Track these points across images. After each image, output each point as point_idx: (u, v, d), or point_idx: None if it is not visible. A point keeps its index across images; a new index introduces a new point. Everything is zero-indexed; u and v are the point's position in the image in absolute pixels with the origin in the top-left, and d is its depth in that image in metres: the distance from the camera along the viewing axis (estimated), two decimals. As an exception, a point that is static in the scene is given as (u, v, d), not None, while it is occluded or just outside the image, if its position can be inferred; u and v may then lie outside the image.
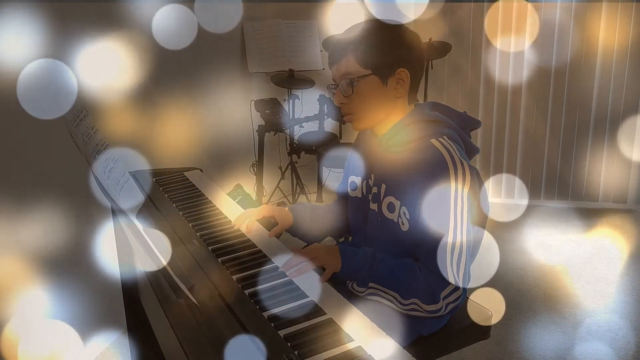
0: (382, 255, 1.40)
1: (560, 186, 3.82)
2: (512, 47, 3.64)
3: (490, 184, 3.89)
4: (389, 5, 3.45)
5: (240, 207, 1.74)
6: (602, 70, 3.53)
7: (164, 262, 1.07)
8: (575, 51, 3.54)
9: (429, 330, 1.50)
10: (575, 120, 3.67)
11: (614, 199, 3.73)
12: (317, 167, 3.82)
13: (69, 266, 2.11)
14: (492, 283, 2.83)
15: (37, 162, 2.00)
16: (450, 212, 1.32)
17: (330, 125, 3.68)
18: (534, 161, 3.83)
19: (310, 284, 1.27)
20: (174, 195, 1.84)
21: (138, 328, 2.03)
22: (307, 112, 3.66)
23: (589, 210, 3.72)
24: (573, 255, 3.10)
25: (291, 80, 3.48)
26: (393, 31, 1.39)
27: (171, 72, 2.90)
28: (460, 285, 1.34)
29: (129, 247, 1.86)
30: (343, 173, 1.68)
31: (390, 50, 1.37)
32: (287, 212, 1.62)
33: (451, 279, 1.33)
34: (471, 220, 1.37)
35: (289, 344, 1.05)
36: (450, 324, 1.54)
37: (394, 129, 1.43)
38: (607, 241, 3.26)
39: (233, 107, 3.52)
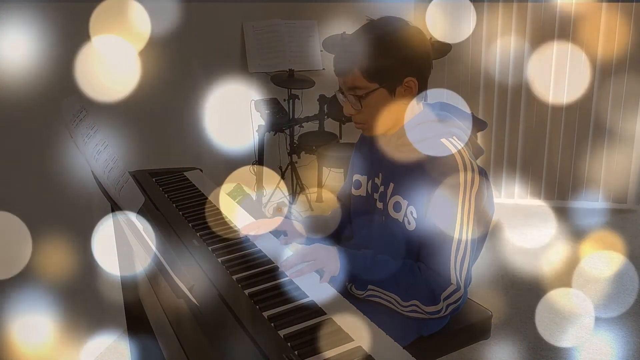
0: (382, 257, 1.39)
1: (560, 186, 3.81)
2: (512, 47, 3.64)
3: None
4: (389, 6, 3.45)
5: (240, 207, 1.74)
6: (602, 69, 3.53)
7: (164, 262, 1.07)
8: (575, 51, 3.54)
9: (429, 330, 1.50)
10: (575, 120, 3.67)
11: (614, 199, 3.73)
12: (317, 167, 3.82)
13: (69, 266, 2.11)
14: (492, 283, 2.83)
15: (37, 162, 2.00)
16: (458, 212, 1.32)
17: (330, 125, 3.68)
18: (534, 161, 3.83)
19: (311, 284, 1.27)
20: (174, 195, 1.84)
21: (138, 328, 2.03)
22: (307, 112, 3.66)
23: (589, 210, 3.72)
24: (573, 255, 3.09)
25: (291, 80, 3.48)
26: (396, 38, 1.35)
27: (171, 71, 2.89)
28: (462, 285, 1.34)
29: (129, 247, 1.86)
30: (347, 175, 1.66)
31: (396, 62, 1.34)
32: (299, 227, 1.61)
33: (453, 279, 1.33)
34: (477, 222, 1.37)
35: (289, 344, 1.05)
36: (450, 324, 1.54)
37: (404, 129, 1.43)
38: (607, 241, 3.26)
39: (233, 107, 3.51)
